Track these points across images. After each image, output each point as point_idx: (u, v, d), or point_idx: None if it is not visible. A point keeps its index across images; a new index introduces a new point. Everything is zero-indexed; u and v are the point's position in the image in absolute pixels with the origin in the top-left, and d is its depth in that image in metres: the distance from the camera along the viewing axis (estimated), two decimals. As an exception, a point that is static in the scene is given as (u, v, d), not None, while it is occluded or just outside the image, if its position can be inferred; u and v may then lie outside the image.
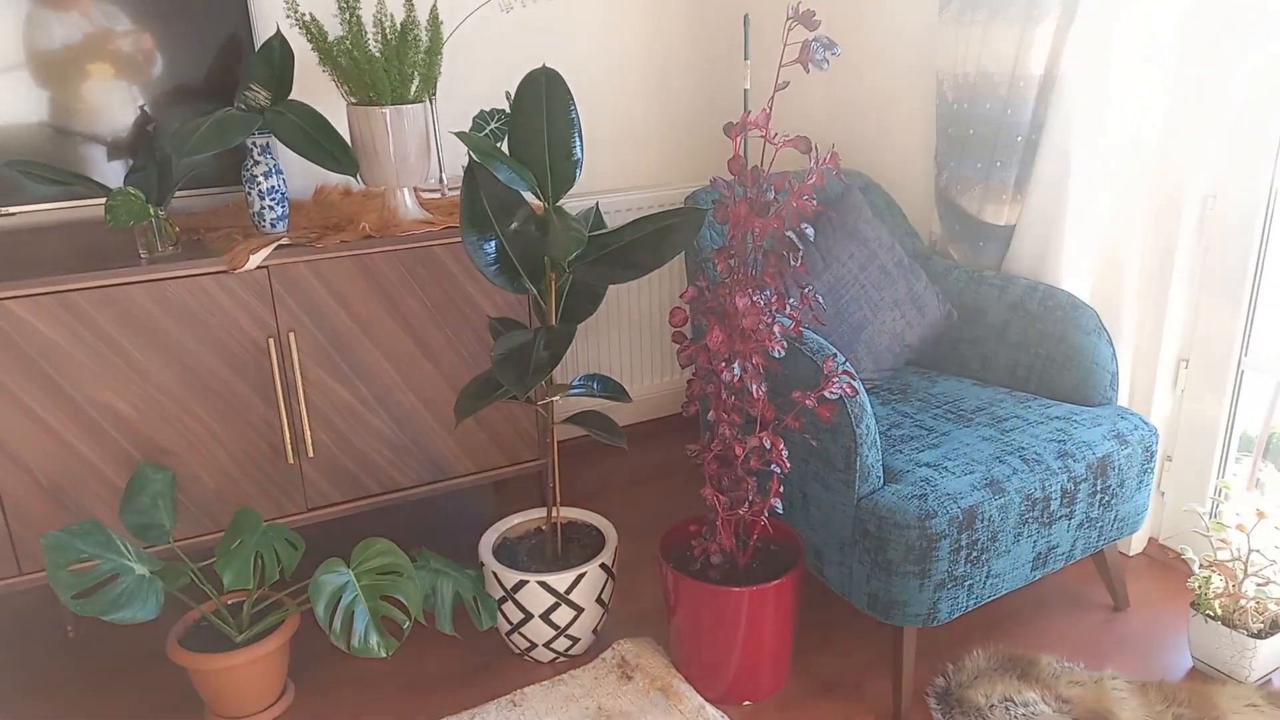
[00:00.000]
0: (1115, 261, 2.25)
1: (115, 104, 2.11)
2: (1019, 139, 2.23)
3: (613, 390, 2.03)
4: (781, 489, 1.93)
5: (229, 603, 1.99)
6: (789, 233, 1.70)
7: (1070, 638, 2.12)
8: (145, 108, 2.14)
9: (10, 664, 2.11)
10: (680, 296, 1.77)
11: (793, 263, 1.70)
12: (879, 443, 1.84)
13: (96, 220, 2.24)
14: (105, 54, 2.08)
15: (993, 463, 1.88)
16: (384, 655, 1.69)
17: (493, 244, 1.83)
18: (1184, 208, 2.17)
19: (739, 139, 1.64)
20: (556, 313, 1.91)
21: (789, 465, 1.77)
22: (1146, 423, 2.05)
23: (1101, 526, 2.01)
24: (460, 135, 1.70)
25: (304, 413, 2.12)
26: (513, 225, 1.81)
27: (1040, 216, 2.26)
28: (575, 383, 2.00)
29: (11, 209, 2.16)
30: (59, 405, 1.92)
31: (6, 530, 1.94)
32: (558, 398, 1.97)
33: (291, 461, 2.14)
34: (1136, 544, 2.42)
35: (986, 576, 1.85)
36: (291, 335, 2.07)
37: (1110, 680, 1.95)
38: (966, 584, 1.83)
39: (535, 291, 1.87)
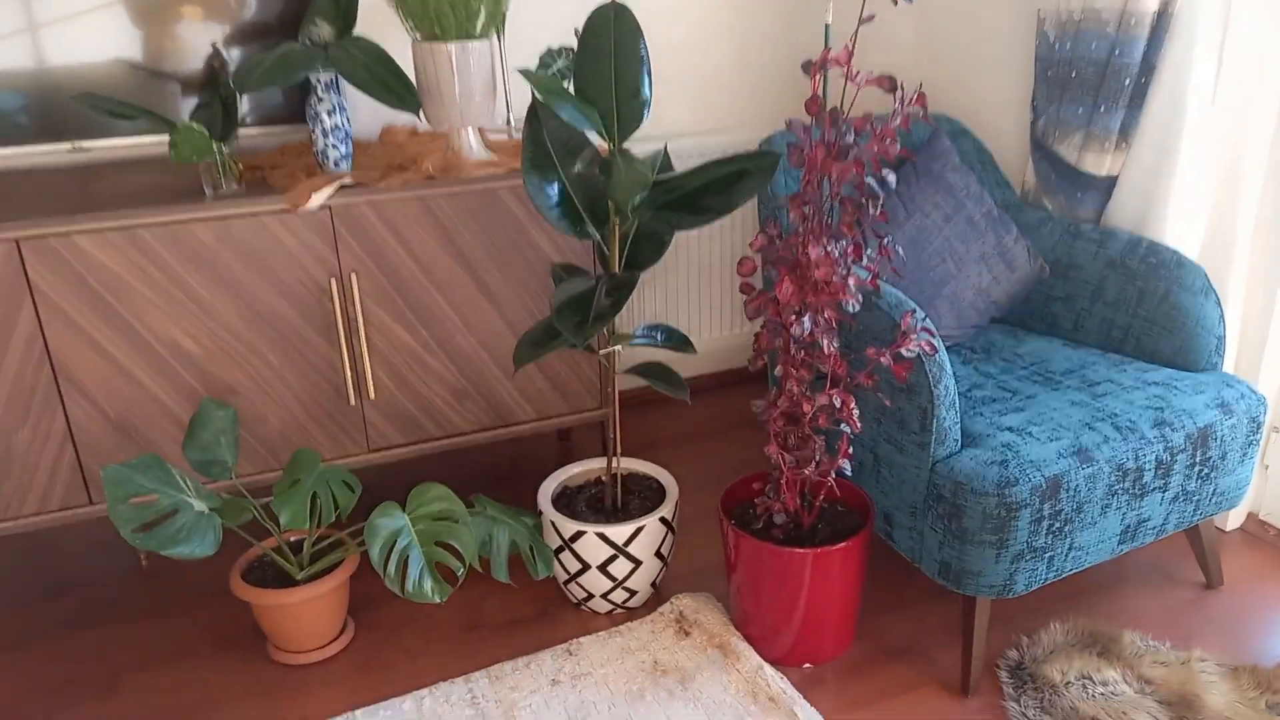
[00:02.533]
0: (1226, 217, 2.08)
1: (192, 41, 2.09)
2: (1127, 82, 2.06)
3: (677, 341, 1.95)
4: (851, 450, 1.84)
5: (290, 540, 2.00)
6: (869, 179, 1.59)
7: (1156, 615, 2.00)
8: (217, 44, 2.11)
9: (85, 591, 2.17)
10: (749, 245, 1.68)
11: (872, 211, 1.59)
12: (958, 404, 1.74)
13: (168, 157, 2.24)
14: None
15: (1081, 429, 1.75)
16: (438, 601, 1.67)
17: (556, 187, 1.76)
18: (1310, 158, 1.98)
19: (818, 77, 1.53)
20: (620, 260, 1.84)
21: (860, 425, 1.68)
22: (1254, 391, 1.89)
23: (1198, 500, 1.87)
24: (524, 72, 1.63)
25: (365, 354, 2.10)
26: (576, 167, 1.73)
27: (1146, 167, 2.09)
28: (638, 332, 1.93)
29: (85, 143, 2.17)
30: (126, 340, 1.93)
31: (78, 461, 1.97)
32: (619, 347, 1.91)
33: (353, 403, 2.13)
34: (1234, 519, 2.27)
35: (1069, 549, 1.74)
36: (353, 275, 2.04)
37: (1199, 662, 1.83)
38: (1047, 556, 1.72)
39: (599, 237, 1.80)
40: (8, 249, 1.80)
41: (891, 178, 1.62)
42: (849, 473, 1.72)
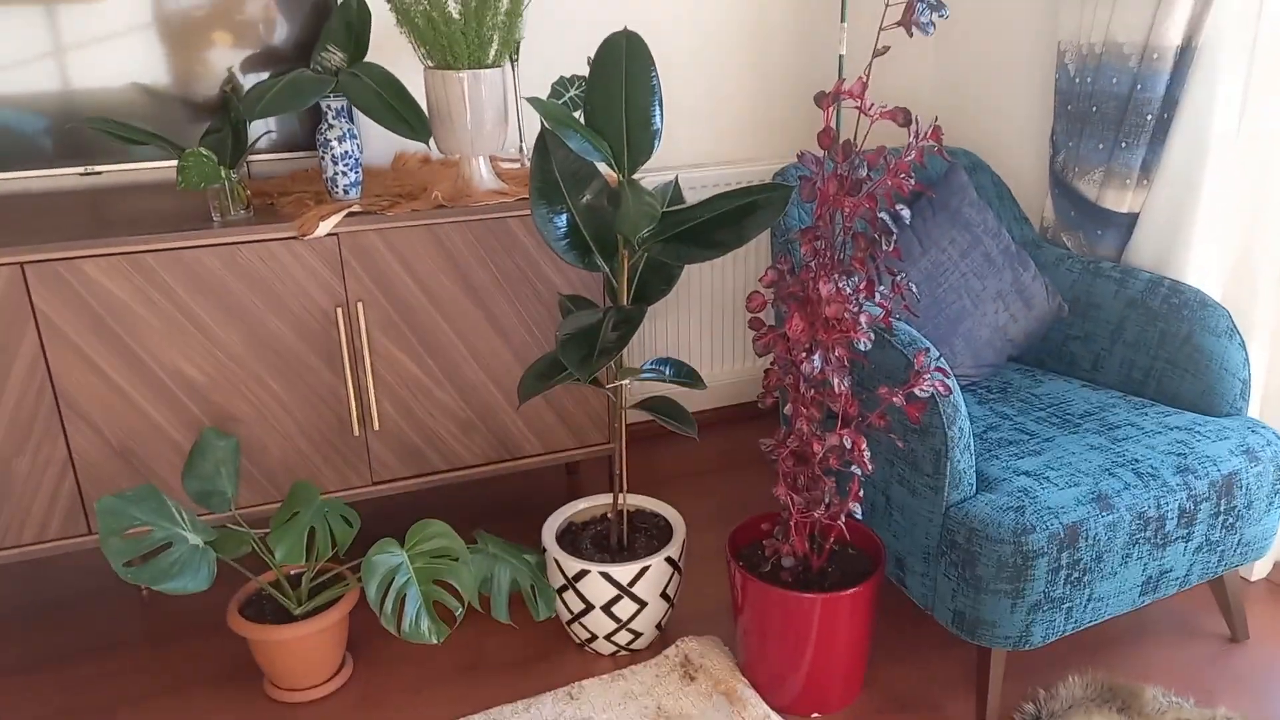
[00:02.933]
0: (1251, 257, 2.02)
1: (211, 66, 2.09)
2: (1149, 118, 2.02)
3: (686, 376, 1.92)
4: (861, 492, 1.79)
5: (290, 573, 1.97)
6: (882, 214, 1.55)
7: (1179, 669, 1.92)
8: (233, 69, 2.11)
9: (83, 620, 2.13)
10: (759, 280, 1.65)
11: (885, 247, 1.55)
12: (973, 447, 1.69)
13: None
14: (227, 20, 2.06)
15: (1101, 475, 1.70)
16: (435, 642, 1.63)
17: (564, 217, 1.73)
18: (1339, 198, 1.93)
19: (830, 109, 1.50)
20: (629, 292, 1.81)
21: (871, 467, 1.64)
22: (1281, 438, 1.83)
23: (1223, 551, 1.81)
24: (531, 100, 1.60)
25: (370, 385, 2.07)
26: (585, 198, 1.70)
27: (1168, 204, 2.05)
28: (646, 367, 1.90)
29: (98, 167, 2.16)
30: (129, 367, 1.91)
31: (78, 489, 1.95)
32: (627, 381, 1.87)
33: (357, 434, 2.10)
34: (1260, 570, 2.19)
35: (1088, 600, 1.68)
36: (360, 305, 2.02)
37: (1223, 721, 1.76)
38: (1065, 607, 1.66)
39: (608, 269, 1.77)
40: (12, 273, 1.79)
41: (905, 213, 1.58)
42: (859, 516, 1.67)
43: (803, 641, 1.76)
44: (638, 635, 1.98)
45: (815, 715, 1.84)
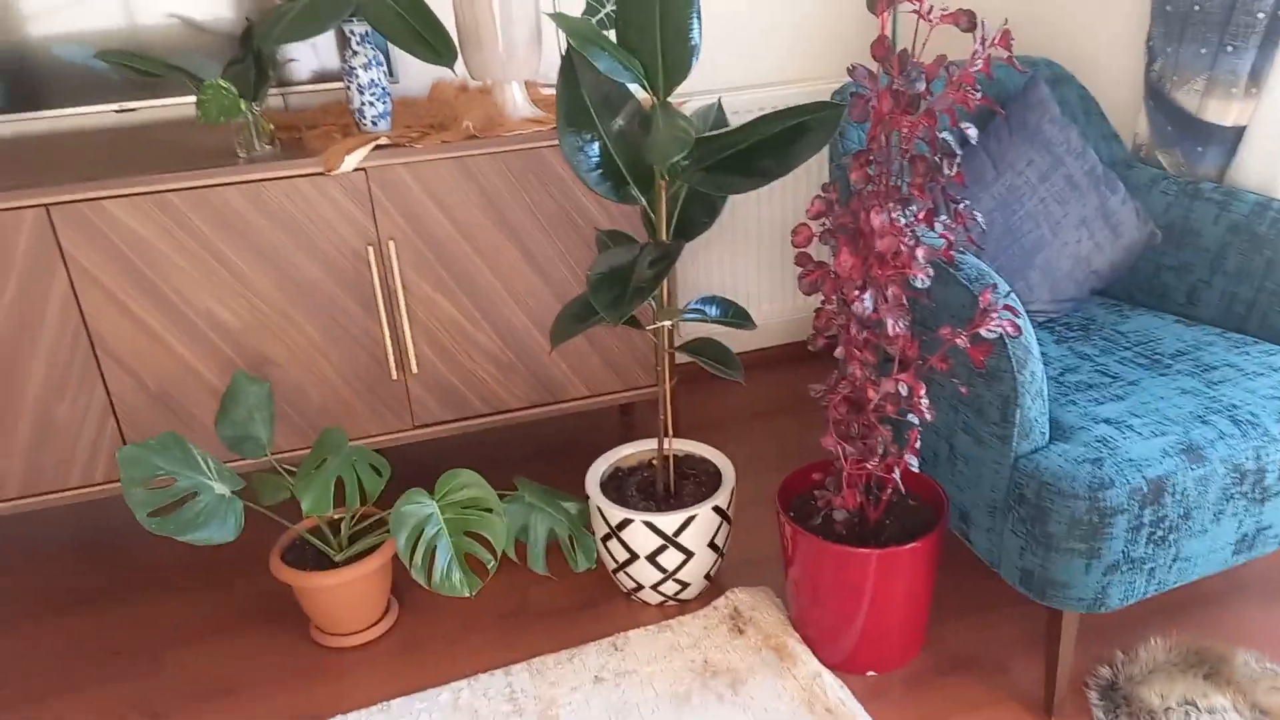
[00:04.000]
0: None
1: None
2: (1260, 16, 1.77)
3: (734, 316, 1.79)
4: (919, 443, 1.65)
5: (332, 518, 1.93)
6: (945, 134, 1.38)
7: (1274, 632, 1.76)
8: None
9: (129, 561, 2.15)
10: (806, 211, 1.50)
11: (947, 171, 1.39)
12: (1046, 392, 1.53)
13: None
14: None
15: (1193, 422, 1.52)
16: (467, 594, 1.57)
17: (595, 146, 1.60)
18: None
19: (886, 15, 1.33)
20: (669, 226, 1.68)
21: (930, 416, 1.50)
22: (1406, 380, 1.62)
23: (1331, 505, 1.62)
24: (554, 16, 1.47)
25: (406, 326, 2.00)
26: (617, 124, 1.57)
27: (1282, 115, 1.81)
28: (690, 306, 1.77)
29: (132, 104, 2.11)
30: (161, 310, 1.87)
31: (119, 435, 1.94)
32: (669, 322, 1.75)
33: (396, 377, 2.04)
34: (1373, 522, 1.98)
35: (1173, 560, 1.52)
36: (392, 244, 1.93)
37: (1325, 691, 1.60)
38: (1147, 568, 1.51)
39: (644, 202, 1.64)
40: (37, 216, 1.75)
41: (973, 132, 1.40)
42: (916, 468, 1.53)
43: (857, 598, 1.65)
44: (685, 585, 1.90)
45: (870, 673, 1.74)
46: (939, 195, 1.39)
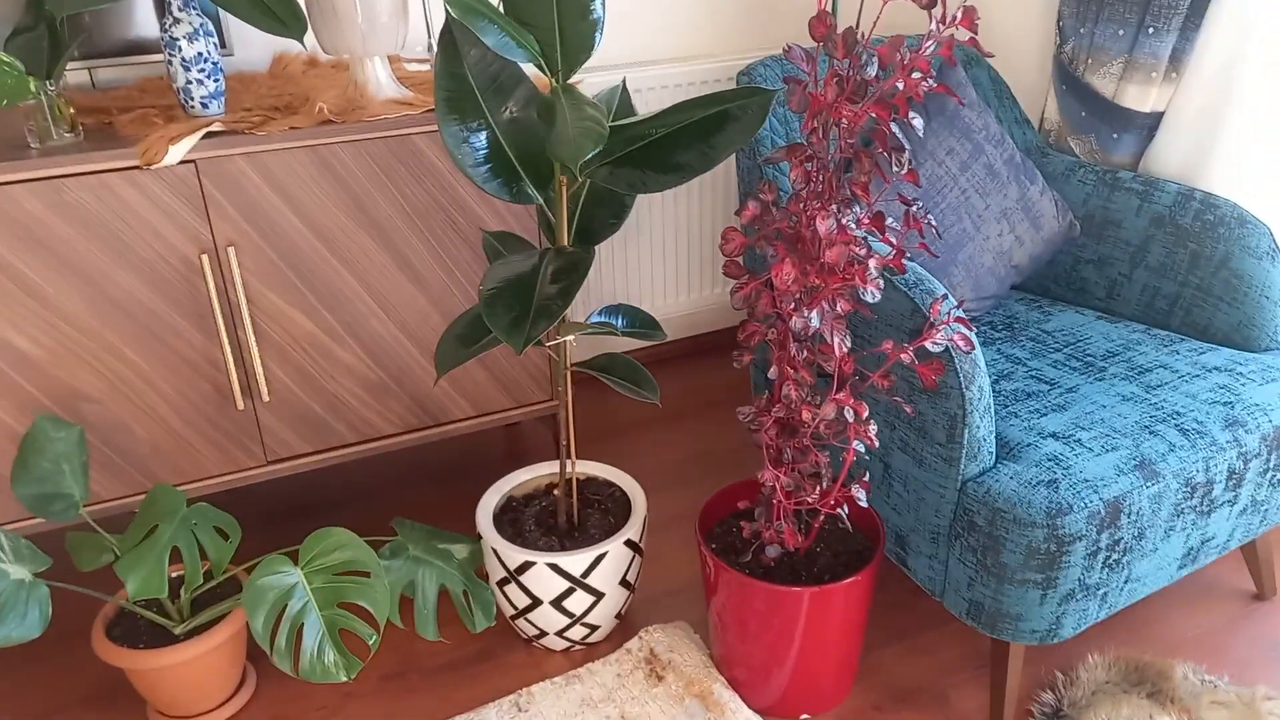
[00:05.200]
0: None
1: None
2: (1183, -4, 1.69)
3: (642, 326, 1.58)
4: (867, 475, 1.49)
5: (171, 575, 1.61)
6: (891, 126, 1.21)
7: (1207, 638, 1.71)
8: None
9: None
10: (735, 213, 1.31)
11: (895, 169, 1.21)
12: (993, 408, 1.39)
13: None
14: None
15: (1141, 434, 1.43)
16: (345, 679, 1.31)
17: (483, 136, 1.35)
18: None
19: (830, -13, 1.13)
20: (570, 230, 1.45)
21: (877, 444, 1.33)
22: (1335, 378, 1.58)
23: (1267, 510, 1.57)
24: (432, -19, 1.20)
25: (253, 347, 1.69)
26: (509, 111, 1.32)
27: (1200, 102, 1.74)
28: (592, 319, 1.55)
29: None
30: (-65, 341, 1.50)
31: (-113, 493, 1.56)
32: (570, 338, 1.53)
33: (242, 406, 1.73)
34: (1280, 512, 1.98)
35: (1125, 582, 1.43)
36: (231, 250, 1.62)
37: (1264, 701, 1.55)
38: (1100, 593, 1.41)
39: (541, 201, 1.40)
40: None
41: (918, 123, 1.24)
42: (866, 503, 1.37)
43: (788, 637, 1.49)
44: (594, 629, 1.69)
45: (804, 716, 1.59)
46: (883, 196, 1.22)
